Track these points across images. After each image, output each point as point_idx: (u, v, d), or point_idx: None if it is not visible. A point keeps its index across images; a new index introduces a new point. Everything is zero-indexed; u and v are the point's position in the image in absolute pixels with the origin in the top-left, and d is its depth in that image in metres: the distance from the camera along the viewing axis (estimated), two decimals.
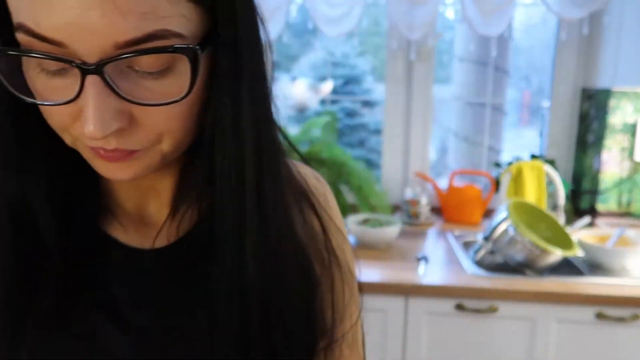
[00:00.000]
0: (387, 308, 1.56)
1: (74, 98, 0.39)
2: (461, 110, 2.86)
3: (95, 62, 0.37)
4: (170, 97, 0.40)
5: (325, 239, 0.56)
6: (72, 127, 0.41)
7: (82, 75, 0.38)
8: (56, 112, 0.41)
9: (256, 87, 0.46)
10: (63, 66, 0.39)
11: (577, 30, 2.16)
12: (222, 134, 0.44)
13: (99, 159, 0.43)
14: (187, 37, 0.40)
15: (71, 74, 0.39)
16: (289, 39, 2.23)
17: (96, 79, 0.38)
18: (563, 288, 1.50)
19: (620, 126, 1.99)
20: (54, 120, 0.42)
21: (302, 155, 0.62)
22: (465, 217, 2.16)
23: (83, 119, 0.39)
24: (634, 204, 2.04)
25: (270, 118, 0.49)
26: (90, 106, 0.38)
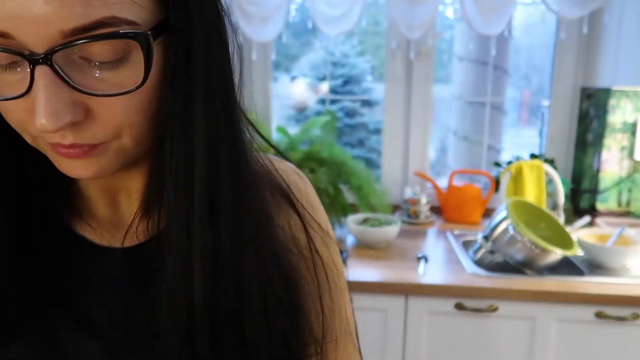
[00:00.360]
0: (387, 307, 1.56)
1: (26, 92, 0.38)
2: (461, 110, 2.86)
3: (43, 52, 0.36)
4: (126, 88, 0.39)
5: (307, 237, 0.55)
6: (29, 124, 0.40)
7: (32, 67, 0.37)
8: (12, 109, 0.39)
9: (213, 84, 0.44)
10: (12, 59, 0.38)
11: (576, 30, 2.16)
12: (171, 132, 0.43)
13: (60, 156, 0.41)
14: (140, 25, 0.38)
15: (22, 67, 0.38)
16: (288, 39, 2.23)
17: (46, 70, 0.37)
18: (563, 287, 1.50)
19: (620, 125, 1.99)
20: (12, 118, 0.40)
21: (280, 151, 0.61)
22: (465, 217, 2.16)
23: (35, 112, 0.37)
24: (633, 203, 2.04)
25: (231, 116, 0.46)
26: (41, 98, 0.37)
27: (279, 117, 2.74)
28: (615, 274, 1.61)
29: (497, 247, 1.63)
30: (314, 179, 1.90)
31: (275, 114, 2.49)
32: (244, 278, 0.46)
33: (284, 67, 4.04)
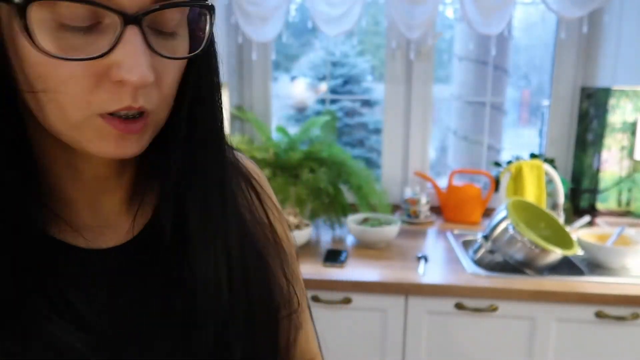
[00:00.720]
0: (386, 307, 1.56)
1: (111, 49, 0.39)
2: (461, 110, 2.86)
3: (135, 13, 0.39)
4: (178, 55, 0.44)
5: (267, 218, 0.61)
6: (93, 94, 0.40)
7: (123, 26, 0.39)
8: (76, 77, 0.39)
9: (214, 80, 0.50)
10: (95, 20, 0.39)
11: (576, 29, 2.16)
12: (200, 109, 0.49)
13: (109, 134, 0.42)
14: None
15: (103, 30, 0.40)
16: (288, 39, 2.23)
17: (136, 30, 0.39)
18: (563, 287, 1.50)
19: (620, 125, 1.99)
20: (75, 85, 0.40)
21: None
22: (464, 216, 2.16)
23: (125, 69, 0.39)
24: (633, 202, 2.04)
25: (220, 107, 0.52)
26: (133, 53, 0.39)
27: (278, 117, 2.74)
28: (615, 273, 1.61)
29: (497, 246, 1.63)
30: (313, 179, 1.90)
31: (275, 114, 2.49)
32: (231, 252, 0.52)
33: (284, 67, 4.04)
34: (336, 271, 1.61)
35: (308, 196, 1.94)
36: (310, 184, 1.91)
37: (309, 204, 1.97)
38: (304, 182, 1.91)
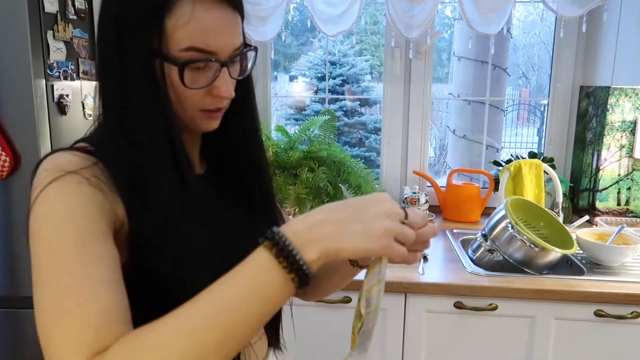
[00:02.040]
0: (386, 306, 1.56)
1: (212, 82, 0.73)
2: (460, 109, 2.86)
3: (225, 60, 0.73)
4: (240, 76, 0.79)
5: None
6: (202, 101, 0.74)
7: (220, 67, 0.73)
8: (195, 94, 0.73)
9: (252, 83, 0.88)
10: (206, 65, 0.72)
11: (575, 28, 2.16)
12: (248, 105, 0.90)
13: (207, 119, 0.77)
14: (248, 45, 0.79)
15: (206, 68, 0.72)
16: (287, 38, 2.23)
17: (225, 69, 0.73)
18: (562, 286, 1.50)
19: (619, 124, 1.99)
20: (193, 99, 0.74)
21: None
22: (464, 215, 2.16)
23: (223, 90, 0.74)
24: (632, 201, 2.05)
25: (254, 100, 0.92)
26: (226, 82, 0.74)
27: (278, 117, 2.74)
28: (615, 272, 1.61)
29: (496, 245, 1.64)
30: (313, 178, 1.90)
31: (274, 113, 2.49)
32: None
33: (283, 66, 4.04)
34: None
35: (307, 195, 1.94)
36: (309, 183, 1.91)
37: (309, 203, 1.97)
38: (304, 182, 1.91)
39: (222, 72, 0.73)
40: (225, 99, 0.76)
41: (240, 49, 0.75)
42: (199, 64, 0.71)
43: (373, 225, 0.58)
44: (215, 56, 0.71)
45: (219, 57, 0.72)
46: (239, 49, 0.75)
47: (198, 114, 0.76)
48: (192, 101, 0.74)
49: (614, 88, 1.97)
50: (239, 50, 0.75)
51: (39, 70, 1.54)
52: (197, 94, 0.73)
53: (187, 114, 0.75)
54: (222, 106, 0.77)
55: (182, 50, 0.69)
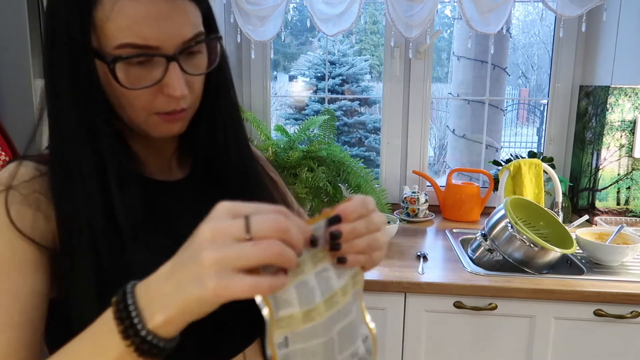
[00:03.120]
0: (386, 306, 1.56)
1: (161, 78, 0.63)
2: (459, 108, 2.86)
3: (173, 53, 0.63)
4: (202, 71, 0.69)
5: (270, 178, 0.89)
6: (153, 102, 0.65)
7: (167, 63, 0.63)
8: (142, 94, 0.64)
9: (227, 75, 0.76)
10: (148, 59, 0.62)
11: (575, 28, 2.16)
12: (225, 102, 0.76)
13: (162, 123, 0.68)
14: (208, 35, 0.68)
15: (152, 65, 0.63)
16: (287, 38, 2.23)
17: (175, 64, 0.64)
18: (562, 285, 1.50)
19: (619, 123, 1.99)
20: (140, 101, 0.65)
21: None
22: (463, 215, 2.16)
23: (171, 89, 0.64)
24: (632, 201, 2.05)
25: (236, 98, 0.79)
26: (175, 79, 0.64)
27: (277, 116, 2.74)
28: (614, 272, 1.61)
29: (496, 245, 1.64)
30: (313, 178, 1.90)
31: (274, 113, 2.48)
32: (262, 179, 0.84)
33: (283, 66, 4.04)
34: None
35: (307, 195, 1.94)
36: (309, 183, 1.91)
37: (308, 202, 1.97)
38: (303, 181, 1.91)
39: (170, 68, 0.63)
40: (181, 99, 0.66)
41: (193, 40, 0.65)
42: (137, 59, 0.62)
43: (198, 262, 0.44)
44: (159, 50, 0.62)
45: (163, 51, 0.62)
46: (192, 39, 0.65)
47: (152, 118, 0.67)
48: (141, 103, 0.65)
49: (614, 87, 1.97)
50: (192, 42, 0.65)
51: (38, 70, 1.54)
52: (146, 95, 0.64)
53: (139, 118, 0.66)
54: (179, 107, 0.66)
55: (117, 47, 0.60)
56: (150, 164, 0.76)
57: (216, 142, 0.76)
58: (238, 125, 0.79)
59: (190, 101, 0.68)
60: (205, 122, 0.75)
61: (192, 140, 0.77)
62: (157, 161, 0.77)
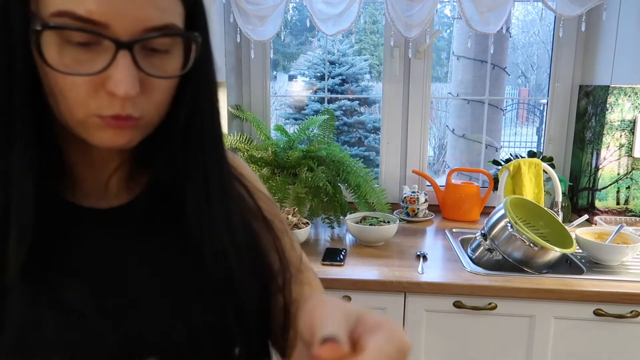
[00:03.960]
0: (385, 305, 1.56)
1: (103, 69, 0.49)
2: (459, 108, 2.86)
3: (127, 40, 0.49)
4: (168, 74, 0.53)
5: (256, 205, 0.71)
6: (92, 99, 0.50)
7: (116, 50, 0.48)
8: (79, 84, 0.49)
9: (210, 80, 0.60)
10: (91, 40, 0.49)
11: (575, 27, 2.16)
12: (199, 115, 0.59)
13: (106, 128, 0.52)
14: (182, 30, 0.53)
15: (98, 50, 0.49)
16: (286, 38, 2.23)
17: (126, 54, 0.49)
18: (561, 285, 1.50)
19: (618, 123, 1.99)
20: (76, 93, 0.50)
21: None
22: (463, 215, 2.16)
23: (113, 84, 0.49)
24: (632, 200, 2.05)
25: (218, 106, 0.62)
26: (122, 73, 0.49)
27: (277, 116, 2.74)
28: (614, 271, 1.61)
29: (495, 245, 1.64)
30: (312, 178, 1.90)
31: (273, 113, 2.48)
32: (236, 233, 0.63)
33: (282, 66, 4.04)
34: (335, 270, 1.61)
35: (307, 195, 1.94)
36: (309, 183, 1.91)
37: (308, 202, 1.97)
38: (303, 181, 1.91)
39: (119, 57, 0.48)
40: (126, 102, 0.50)
41: (159, 31, 0.51)
42: (77, 37, 0.48)
43: None
44: (106, 31, 0.48)
45: (113, 34, 0.48)
46: (157, 30, 0.50)
47: (92, 120, 0.51)
48: (76, 97, 0.50)
49: (613, 87, 1.97)
50: (156, 33, 0.50)
51: None
52: (83, 87, 0.50)
53: (75, 117, 0.51)
54: (123, 113, 0.51)
55: (53, 14, 0.47)
56: (84, 182, 0.61)
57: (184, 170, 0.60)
58: (218, 151, 0.62)
59: (142, 109, 0.52)
60: (167, 146, 0.59)
61: (146, 160, 0.62)
62: (93, 179, 0.62)
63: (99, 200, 0.61)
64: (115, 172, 0.62)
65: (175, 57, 0.54)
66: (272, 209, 0.73)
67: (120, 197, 0.63)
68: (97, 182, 0.62)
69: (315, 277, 0.76)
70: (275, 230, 0.71)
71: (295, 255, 0.74)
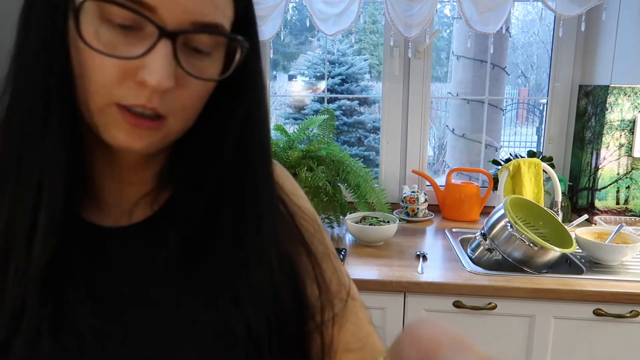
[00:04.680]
0: (385, 305, 1.56)
1: (143, 54, 0.45)
2: (459, 108, 2.86)
3: (172, 30, 0.45)
4: (204, 76, 0.49)
5: (295, 227, 0.63)
6: (116, 86, 0.46)
7: (158, 37, 0.45)
8: (110, 66, 0.45)
9: (263, 89, 0.56)
10: (135, 24, 0.45)
11: (574, 27, 2.16)
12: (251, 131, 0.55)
13: (122, 125, 0.48)
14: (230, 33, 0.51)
15: (137, 35, 0.46)
16: (286, 37, 2.23)
17: (168, 43, 0.45)
18: (561, 285, 1.50)
19: (618, 122, 1.99)
20: (101, 76, 0.46)
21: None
22: (463, 214, 2.16)
23: (147, 72, 0.45)
24: (632, 200, 2.05)
25: (267, 127, 0.58)
26: (159, 62, 0.45)
27: (277, 116, 2.74)
28: (614, 271, 1.61)
29: (495, 244, 1.64)
30: (312, 178, 1.90)
31: (273, 113, 2.48)
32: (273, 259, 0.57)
33: (282, 65, 4.03)
34: None
35: (306, 195, 1.93)
36: (308, 183, 1.91)
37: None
38: (303, 181, 1.91)
39: (158, 46, 0.45)
40: (156, 94, 0.47)
41: (208, 29, 0.48)
42: (119, 15, 0.45)
43: None
44: (154, 15, 0.45)
45: (160, 21, 0.45)
46: (207, 27, 0.48)
47: (111, 110, 0.47)
48: (102, 79, 0.46)
49: (613, 87, 1.97)
50: (205, 29, 0.48)
51: None
52: (111, 70, 0.46)
53: (96, 103, 0.47)
54: (149, 105, 0.47)
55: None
56: (105, 200, 0.57)
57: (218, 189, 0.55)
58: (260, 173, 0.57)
59: (169, 107, 0.48)
60: (200, 163, 0.56)
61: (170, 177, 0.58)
62: (115, 197, 0.58)
63: (117, 217, 0.57)
64: (138, 187, 0.58)
65: (215, 61, 0.51)
66: (312, 228, 0.65)
67: (144, 208, 0.58)
68: (120, 200, 0.57)
69: (362, 308, 0.66)
70: (315, 254, 0.62)
71: (338, 283, 0.65)
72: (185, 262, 0.55)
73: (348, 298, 0.64)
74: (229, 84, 0.53)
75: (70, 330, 0.49)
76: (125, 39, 0.46)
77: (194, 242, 0.55)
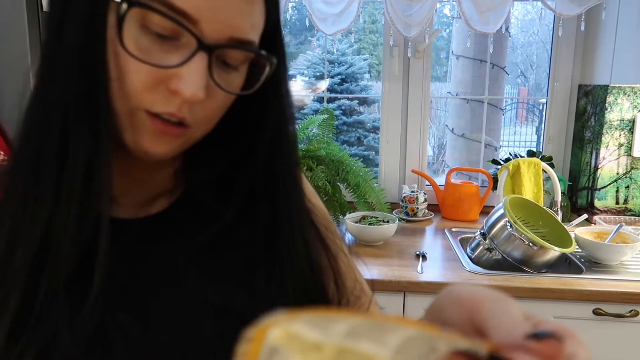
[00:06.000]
0: (385, 305, 1.56)
1: (180, 64, 0.46)
2: (458, 108, 2.86)
3: (210, 43, 0.46)
4: (230, 89, 0.51)
5: (315, 227, 0.64)
6: (148, 92, 0.47)
7: (197, 49, 0.46)
8: (144, 73, 0.46)
9: (289, 97, 0.58)
10: (175, 34, 0.46)
11: (574, 27, 2.16)
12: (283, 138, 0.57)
13: (147, 130, 0.48)
14: (261, 50, 0.51)
15: (174, 44, 0.47)
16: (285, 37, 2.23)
17: (204, 56, 0.46)
18: (561, 285, 1.50)
19: (618, 122, 1.99)
20: (135, 81, 0.46)
21: None
22: (462, 214, 2.16)
23: (182, 83, 0.46)
24: (631, 200, 2.05)
25: (294, 136, 0.59)
26: (195, 74, 0.46)
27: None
28: (613, 271, 1.61)
29: (495, 244, 1.64)
30: (311, 177, 1.90)
31: None
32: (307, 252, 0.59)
33: None
34: None
35: None
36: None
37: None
38: None
39: (196, 57, 0.46)
40: (187, 105, 0.48)
41: (242, 44, 0.49)
42: (159, 24, 0.46)
43: None
44: (195, 27, 0.46)
45: (201, 33, 0.46)
46: (241, 42, 0.49)
47: (138, 115, 0.48)
48: (133, 85, 0.47)
49: (613, 86, 1.97)
50: (239, 44, 0.49)
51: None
52: (143, 77, 0.46)
53: (124, 107, 0.48)
54: (179, 114, 0.48)
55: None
56: (121, 194, 0.57)
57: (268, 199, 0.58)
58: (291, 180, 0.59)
59: (195, 118, 0.50)
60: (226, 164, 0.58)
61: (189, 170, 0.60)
62: (132, 189, 0.58)
63: (134, 210, 0.57)
64: (160, 194, 0.59)
65: (240, 74, 0.52)
66: (326, 223, 0.66)
67: (162, 200, 0.59)
68: (132, 195, 0.58)
69: (375, 305, 0.69)
70: (332, 249, 0.63)
71: (352, 277, 0.67)
72: (209, 251, 0.56)
73: (362, 294, 0.66)
74: (252, 96, 0.54)
75: (92, 322, 0.49)
76: (160, 46, 0.46)
77: (218, 235, 0.56)
